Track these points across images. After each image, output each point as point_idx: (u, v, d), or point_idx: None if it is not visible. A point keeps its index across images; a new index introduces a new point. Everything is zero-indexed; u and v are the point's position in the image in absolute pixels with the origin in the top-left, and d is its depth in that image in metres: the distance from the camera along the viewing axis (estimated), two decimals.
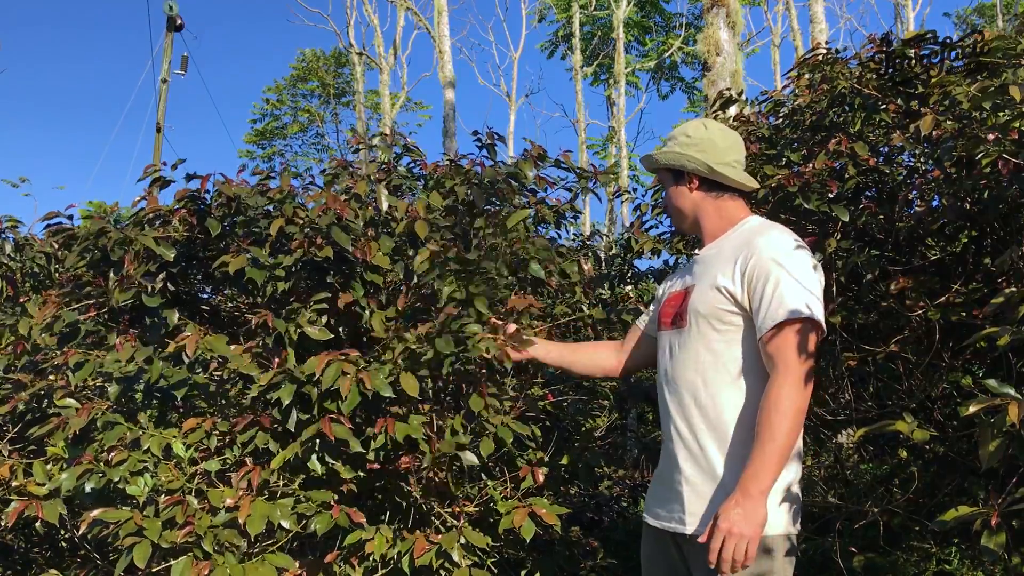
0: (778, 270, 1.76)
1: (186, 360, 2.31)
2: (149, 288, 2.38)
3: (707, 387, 1.83)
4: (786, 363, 1.69)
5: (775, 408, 1.66)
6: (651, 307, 2.21)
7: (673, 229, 3.09)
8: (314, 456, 2.14)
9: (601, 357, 2.25)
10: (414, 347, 2.16)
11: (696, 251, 2.05)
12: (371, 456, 2.19)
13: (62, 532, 2.67)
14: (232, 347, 2.30)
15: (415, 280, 2.51)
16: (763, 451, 1.64)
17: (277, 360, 2.24)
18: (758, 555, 1.70)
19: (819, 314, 1.74)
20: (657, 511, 1.94)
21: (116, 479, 2.10)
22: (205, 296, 2.93)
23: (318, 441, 2.15)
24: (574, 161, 3.00)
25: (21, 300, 2.92)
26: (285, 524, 2.09)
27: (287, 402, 2.13)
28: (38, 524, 2.25)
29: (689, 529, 1.80)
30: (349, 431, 2.11)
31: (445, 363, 2.11)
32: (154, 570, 2.10)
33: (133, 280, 2.39)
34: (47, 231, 2.84)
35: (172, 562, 2.02)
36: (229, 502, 2.11)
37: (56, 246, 3.08)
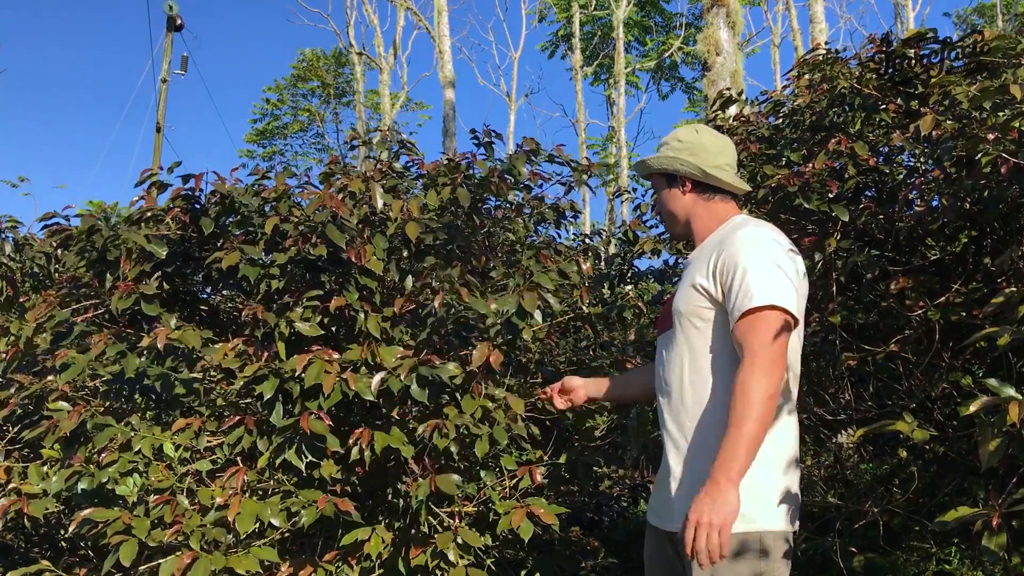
0: (746, 261, 1.77)
1: (163, 352, 2.30)
2: (148, 295, 2.38)
3: (692, 385, 1.84)
4: (752, 351, 1.69)
5: (741, 395, 1.66)
6: None
7: None
8: (292, 450, 2.13)
9: (650, 382, 2.21)
10: (391, 367, 2.19)
11: (687, 253, 2.07)
12: (352, 461, 2.20)
13: (61, 532, 2.67)
14: (219, 344, 2.30)
15: (409, 281, 2.51)
16: (730, 439, 1.64)
17: (265, 355, 2.24)
18: (754, 554, 1.69)
19: (787, 302, 1.73)
20: (654, 510, 1.97)
21: (105, 480, 2.11)
22: (204, 296, 2.93)
23: (298, 437, 2.15)
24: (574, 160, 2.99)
25: (21, 300, 2.92)
26: (275, 522, 2.09)
27: (269, 396, 2.13)
28: (27, 522, 2.25)
29: (677, 526, 1.80)
30: (328, 427, 2.11)
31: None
32: (142, 568, 2.10)
33: (131, 285, 2.39)
34: (46, 231, 2.84)
35: (161, 561, 2.02)
36: (219, 501, 2.11)
37: (55, 246, 3.08)
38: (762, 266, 1.76)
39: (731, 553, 1.69)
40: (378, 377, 2.19)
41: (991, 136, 2.16)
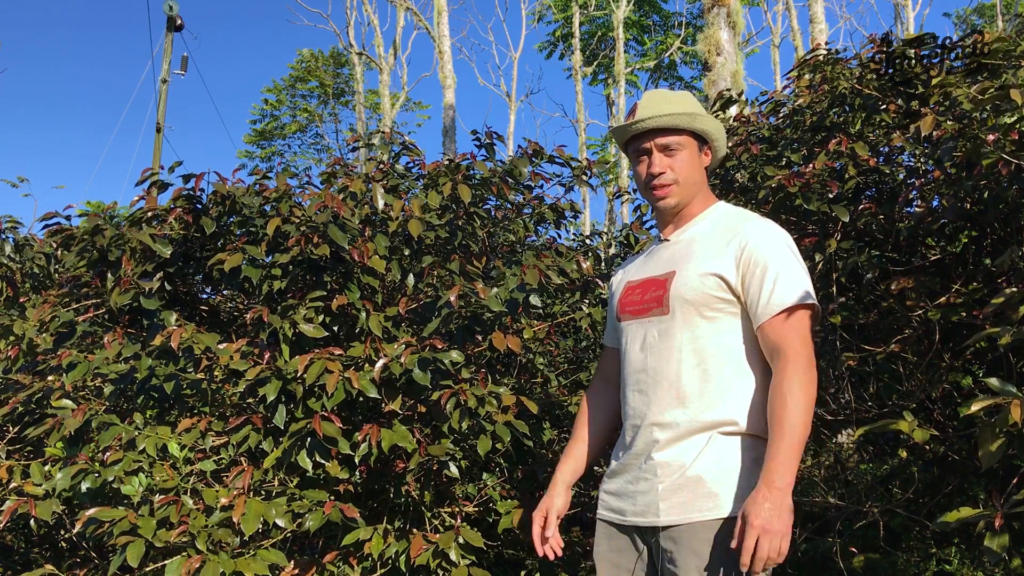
0: (774, 255, 1.74)
1: (178, 352, 2.30)
2: (147, 289, 2.38)
3: (694, 376, 1.76)
4: (794, 350, 1.66)
5: (789, 398, 1.62)
6: (607, 317, 2.12)
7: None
8: (303, 452, 2.14)
9: (607, 414, 2.06)
10: (390, 361, 2.19)
11: (666, 237, 1.93)
12: (358, 460, 2.19)
13: (61, 532, 2.66)
14: (223, 345, 2.30)
15: (411, 279, 2.51)
16: (783, 444, 1.59)
17: (267, 355, 2.24)
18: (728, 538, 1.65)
19: (814, 297, 1.73)
20: (624, 508, 1.82)
21: (111, 479, 2.10)
22: (204, 296, 2.93)
23: (308, 439, 2.15)
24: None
25: (21, 300, 2.92)
26: (280, 523, 2.09)
27: (272, 398, 2.13)
28: (33, 523, 2.24)
29: (664, 520, 1.72)
30: (339, 430, 2.11)
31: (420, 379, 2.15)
32: (148, 570, 2.09)
33: (131, 281, 2.39)
34: (46, 231, 2.84)
35: (166, 562, 2.01)
36: (224, 501, 2.10)
37: (55, 246, 3.08)
38: (791, 261, 1.74)
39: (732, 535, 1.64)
40: (380, 363, 2.19)
41: (991, 137, 2.16)
